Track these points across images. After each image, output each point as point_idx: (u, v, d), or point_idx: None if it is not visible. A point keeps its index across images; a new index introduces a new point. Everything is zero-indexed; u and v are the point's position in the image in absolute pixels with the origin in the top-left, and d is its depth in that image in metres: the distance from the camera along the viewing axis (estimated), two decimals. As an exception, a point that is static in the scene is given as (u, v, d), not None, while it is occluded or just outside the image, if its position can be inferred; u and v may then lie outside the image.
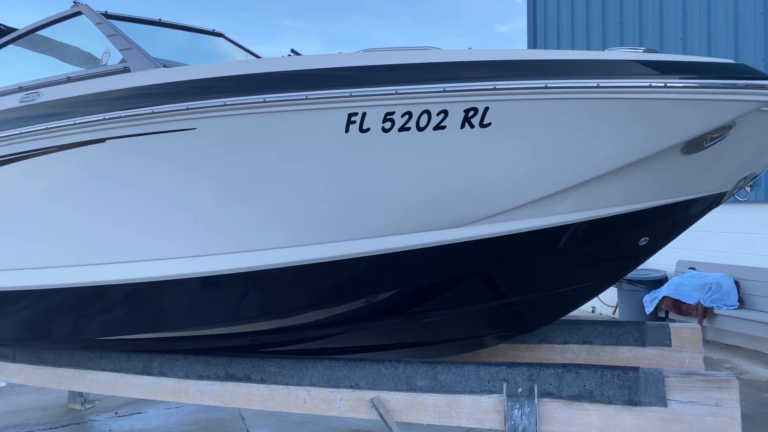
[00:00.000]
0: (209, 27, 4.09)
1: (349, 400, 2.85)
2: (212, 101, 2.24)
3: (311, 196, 2.36)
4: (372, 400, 2.78)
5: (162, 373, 3.26)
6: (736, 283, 6.61)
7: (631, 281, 7.45)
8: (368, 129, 2.10)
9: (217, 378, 3.12)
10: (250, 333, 3.21)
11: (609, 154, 2.09)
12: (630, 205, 2.38)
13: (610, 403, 2.34)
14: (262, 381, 3.02)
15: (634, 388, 2.29)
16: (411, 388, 2.72)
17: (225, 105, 2.22)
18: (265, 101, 2.16)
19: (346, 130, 2.12)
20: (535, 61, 2.00)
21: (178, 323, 3.06)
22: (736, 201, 7.48)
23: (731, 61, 1.97)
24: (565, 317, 3.24)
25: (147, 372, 3.30)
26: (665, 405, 2.25)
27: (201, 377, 3.16)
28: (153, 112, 2.35)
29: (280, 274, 2.62)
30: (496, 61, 2.02)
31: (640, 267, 8.57)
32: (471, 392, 2.61)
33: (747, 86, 1.90)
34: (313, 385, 2.90)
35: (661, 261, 7.80)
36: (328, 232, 2.45)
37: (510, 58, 2.02)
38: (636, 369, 2.33)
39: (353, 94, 2.05)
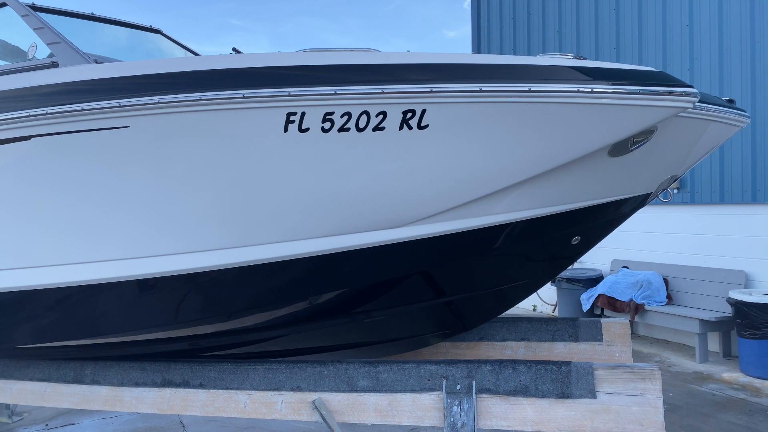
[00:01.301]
0: (151, 24, 3.98)
1: (290, 403, 2.83)
2: (146, 99, 2.18)
3: (251, 197, 2.33)
4: (314, 401, 2.77)
5: (95, 381, 3.14)
6: (665, 280, 6.98)
7: (569, 280, 7.74)
8: (307, 129, 2.09)
9: (154, 384, 3.03)
10: (190, 337, 3.13)
11: (541, 155, 2.16)
12: (563, 206, 2.48)
13: (544, 396, 2.42)
14: (201, 386, 2.96)
15: (566, 382, 2.39)
16: (353, 389, 2.73)
17: (160, 103, 2.16)
18: (201, 99, 2.12)
19: (285, 130, 2.11)
20: (470, 65, 2.05)
21: (112, 328, 2.96)
22: (665, 203, 7.90)
23: (653, 69, 2.08)
24: (506, 315, 3.33)
25: (79, 381, 3.16)
26: (595, 396, 2.35)
27: (137, 384, 3.05)
28: (83, 109, 2.26)
29: (221, 275, 2.58)
30: (433, 64, 2.06)
31: (578, 266, 8.91)
32: (412, 390, 2.64)
33: (667, 93, 2.02)
34: (253, 388, 2.87)
35: (597, 260, 8.14)
36: (270, 232, 2.43)
37: (446, 61, 2.06)
38: (568, 363, 2.42)
39: (292, 93, 2.04)
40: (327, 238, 2.34)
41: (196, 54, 3.80)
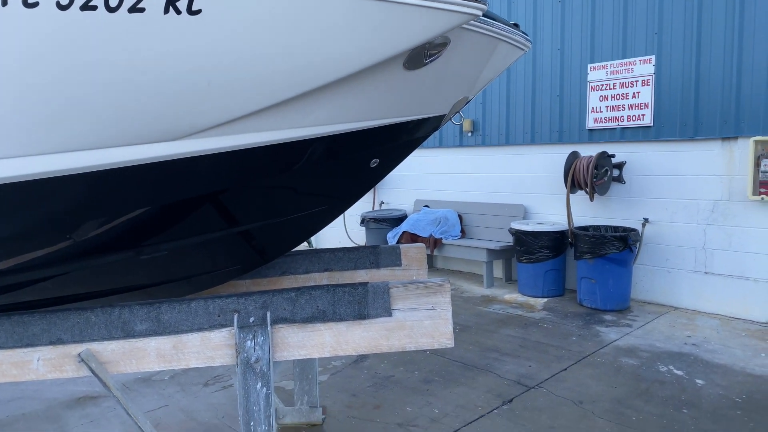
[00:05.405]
0: None
1: (50, 359, 2.37)
2: None
3: None
4: (80, 354, 2.35)
5: None
6: (460, 216, 7.55)
7: (376, 220, 7.96)
8: (36, 3, 1.61)
9: None
10: None
11: (335, 57, 1.97)
12: (362, 122, 2.35)
13: (341, 320, 2.34)
14: None
15: (363, 303, 2.33)
16: (128, 335, 2.37)
17: None
18: None
19: (4, 4, 1.59)
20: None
21: None
22: (462, 146, 8.37)
23: (444, -26, 2.00)
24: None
25: None
26: (390, 315, 2.33)
27: None
28: None
29: None
30: None
31: (385, 207, 9.17)
32: (199, 329, 2.37)
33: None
34: (-1, 347, 2.34)
35: (402, 201, 8.49)
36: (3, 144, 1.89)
37: None
38: (365, 284, 2.36)
39: (8, -48, 1.54)
40: (74, 153, 1.88)
41: None
